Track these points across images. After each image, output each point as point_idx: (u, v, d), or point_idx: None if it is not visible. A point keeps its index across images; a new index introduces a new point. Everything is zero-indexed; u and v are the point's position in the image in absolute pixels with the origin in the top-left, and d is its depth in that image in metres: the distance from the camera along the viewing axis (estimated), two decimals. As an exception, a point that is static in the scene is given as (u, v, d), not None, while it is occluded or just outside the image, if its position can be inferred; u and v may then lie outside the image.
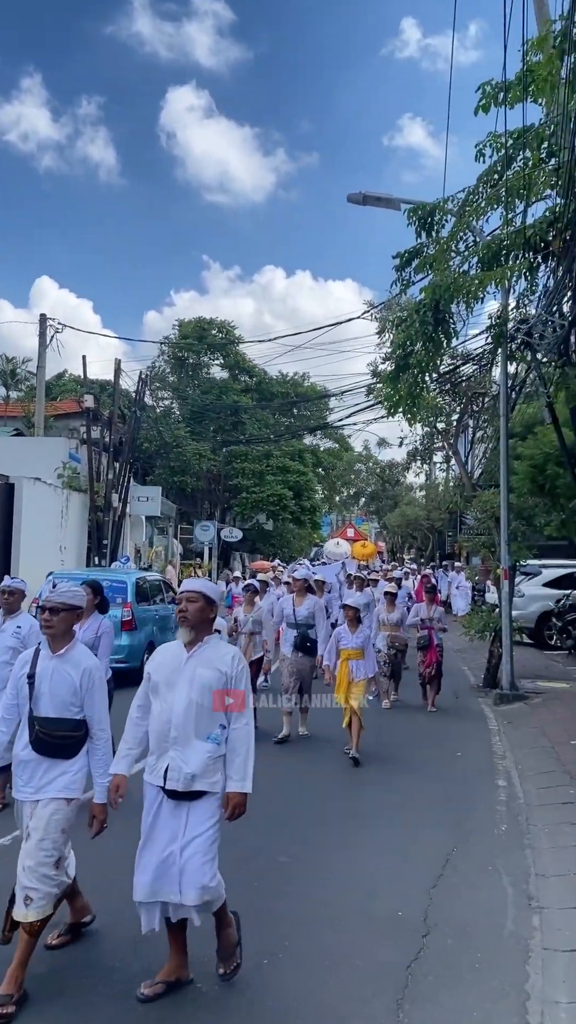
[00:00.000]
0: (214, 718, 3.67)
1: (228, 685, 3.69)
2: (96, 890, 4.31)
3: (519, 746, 8.65)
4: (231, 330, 38.12)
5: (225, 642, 4.13)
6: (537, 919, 4.47)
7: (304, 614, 8.95)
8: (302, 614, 8.96)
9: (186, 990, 3.64)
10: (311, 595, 9.34)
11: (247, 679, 3.82)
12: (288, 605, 9.14)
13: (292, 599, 9.22)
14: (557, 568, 17.18)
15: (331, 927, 4.33)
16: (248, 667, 3.94)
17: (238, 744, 3.68)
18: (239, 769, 3.65)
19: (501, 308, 10.85)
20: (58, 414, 26.97)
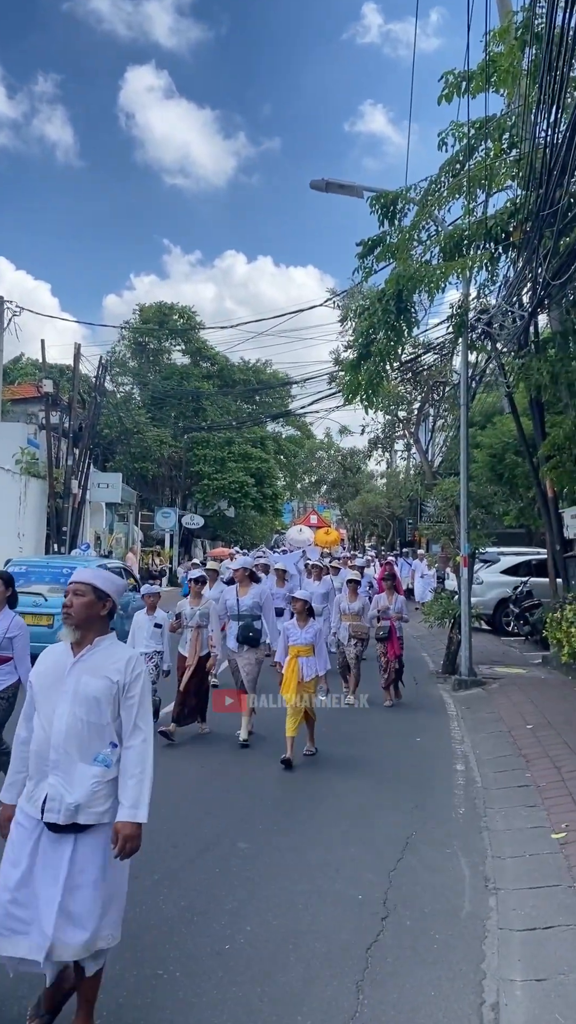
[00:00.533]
0: (103, 735, 3.09)
1: (120, 696, 3.11)
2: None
3: (477, 731, 8.80)
4: (192, 316, 37.84)
5: (123, 644, 3.39)
6: (493, 900, 4.57)
7: (249, 604, 8.27)
8: (246, 604, 8.28)
9: (148, 978, 3.65)
10: (256, 584, 8.57)
11: (146, 687, 3.21)
12: (231, 596, 8.40)
13: (235, 589, 8.47)
14: (515, 556, 17.47)
15: (291, 911, 4.37)
16: (148, 676, 3.29)
17: (131, 764, 3.08)
18: (131, 794, 3.04)
19: (462, 298, 10.95)
20: (16, 399, 26.52)
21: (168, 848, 5.19)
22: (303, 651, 7.46)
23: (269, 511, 41.08)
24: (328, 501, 50.89)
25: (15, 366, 35.33)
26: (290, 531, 28.77)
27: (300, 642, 7.49)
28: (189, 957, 3.83)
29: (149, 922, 4.17)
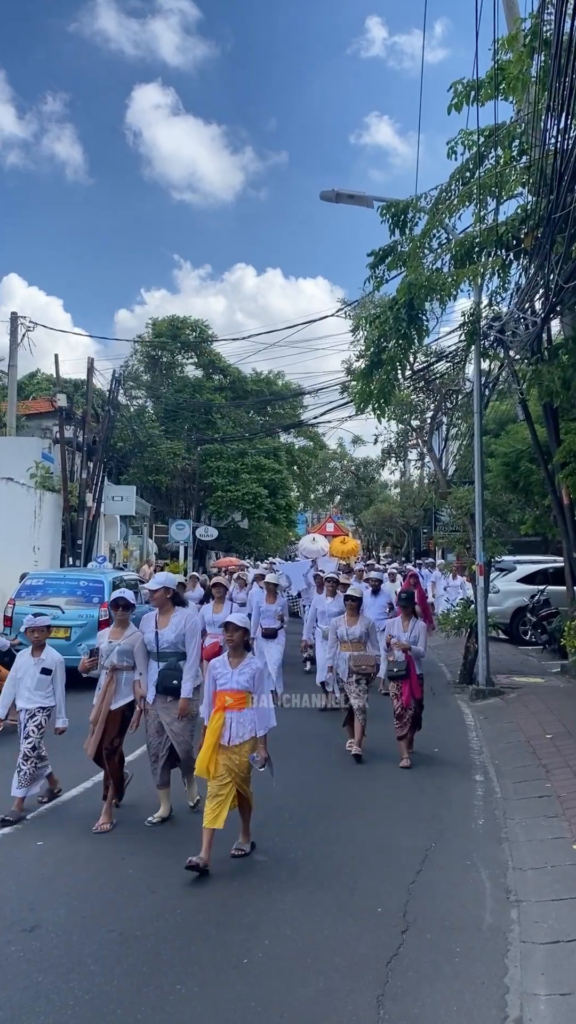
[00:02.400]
0: None
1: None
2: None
3: (495, 741, 8.71)
4: (204, 329, 37.99)
5: None
6: (515, 912, 4.50)
7: (171, 639, 5.96)
8: (168, 639, 5.96)
9: (166, 992, 3.61)
10: (181, 609, 6.25)
11: None
12: (150, 626, 6.09)
13: (155, 617, 6.13)
14: (531, 564, 17.33)
15: (309, 924, 4.31)
16: None
17: None
18: None
19: (474, 305, 10.92)
20: (31, 413, 26.70)
21: (183, 860, 5.14)
22: (233, 700, 5.20)
23: (283, 522, 41.00)
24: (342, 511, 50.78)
25: (31, 381, 35.62)
26: (303, 540, 26.16)
27: (230, 686, 5.22)
28: (207, 971, 3.79)
29: (167, 936, 4.13)
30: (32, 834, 5.61)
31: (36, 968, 3.79)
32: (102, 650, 6.10)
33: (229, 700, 5.20)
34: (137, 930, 4.16)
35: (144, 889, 4.69)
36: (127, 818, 5.98)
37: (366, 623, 8.21)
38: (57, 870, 4.99)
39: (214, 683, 5.32)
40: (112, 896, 4.60)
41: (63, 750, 6.73)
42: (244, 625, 5.38)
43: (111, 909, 4.40)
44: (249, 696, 5.26)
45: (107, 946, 3.99)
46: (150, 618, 6.15)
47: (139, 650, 6.04)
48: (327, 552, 22.28)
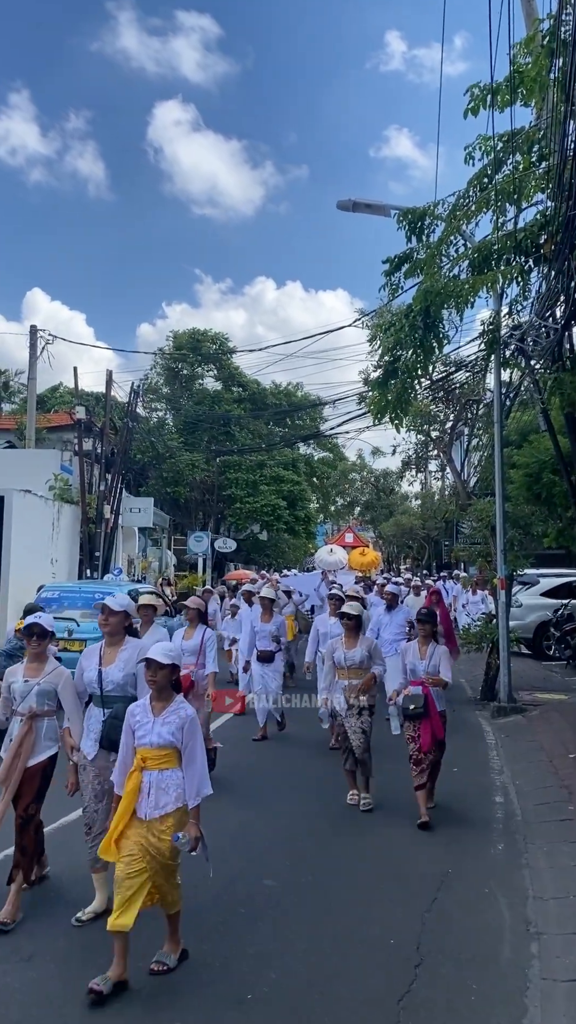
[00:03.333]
0: None
1: None
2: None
3: (517, 760, 8.45)
4: (224, 342, 38.09)
5: None
6: (535, 946, 4.27)
7: (118, 679, 4.77)
8: (114, 679, 4.77)
9: (164, 1022, 3.43)
10: (133, 641, 4.95)
11: None
12: (92, 664, 4.84)
13: (99, 651, 4.90)
14: (555, 577, 17.00)
15: (319, 956, 4.12)
16: None
17: None
18: None
19: (493, 314, 10.73)
20: (51, 426, 26.82)
21: (189, 886, 4.95)
22: (155, 758, 3.98)
23: (302, 534, 40.90)
24: (361, 523, 50.51)
25: (53, 394, 35.85)
26: (319, 552, 24.32)
27: (150, 740, 4.00)
28: (209, 1008, 3.62)
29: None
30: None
31: (32, 1000, 3.64)
32: (14, 691, 4.85)
33: (149, 758, 3.98)
34: (138, 960, 3.98)
35: (148, 918, 4.50)
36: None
37: (368, 645, 6.98)
38: (56, 896, 4.83)
39: (131, 735, 4.08)
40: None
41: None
42: (169, 661, 4.01)
43: (110, 937, 4.23)
44: (175, 753, 4.01)
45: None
46: (93, 652, 4.91)
47: (66, 690, 4.85)
48: (345, 564, 20.60)
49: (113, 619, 4.81)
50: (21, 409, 29.89)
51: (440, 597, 11.70)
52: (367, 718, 6.83)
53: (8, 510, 16.63)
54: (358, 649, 6.90)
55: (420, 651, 6.65)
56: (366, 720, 6.82)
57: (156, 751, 3.98)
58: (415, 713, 6.41)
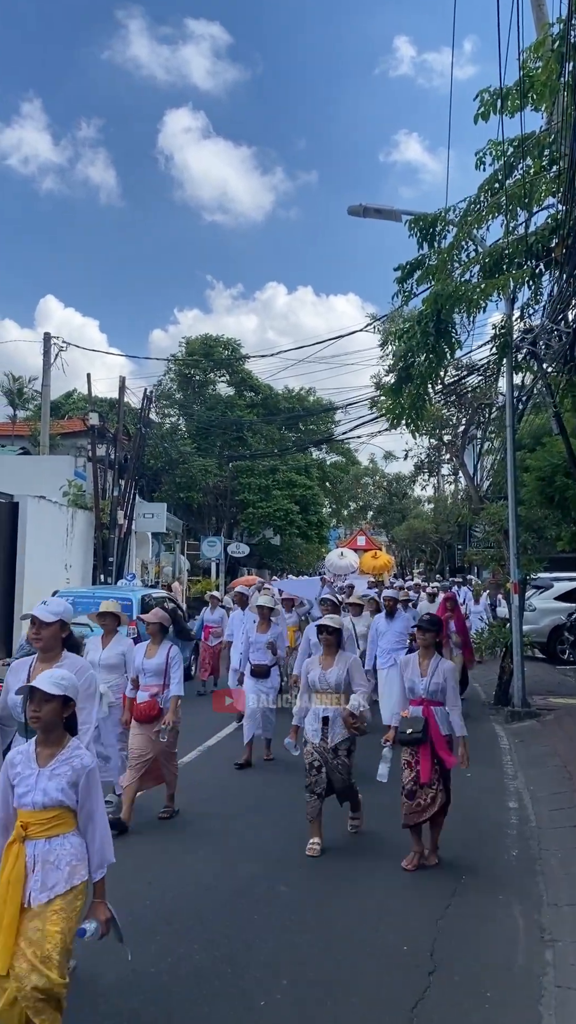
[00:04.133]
0: None
1: None
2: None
3: (531, 765, 8.41)
4: (237, 347, 38.19)
5: None
6: (550, 953, 4.24)
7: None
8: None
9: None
10: (72, 657, 4.11)
11: None
12: (21, 677, 3.97)
13: (29, 667, 4.04)
14: (569, 581, 16.91)
15: (332, 963, 4.11)
16: None
17: None
18: None
19: (505, 318, 10.71)
20: (65, 432, 26.99)
21: (202, 890, 4.99)
22: (38, 824, 3.04)
23: (315, 539, 40.85)
24: (374, 527, 50.42)
25: (67, 401, 36.07)
26: (330, 556, 23.33)
27: (33, 801, 3.04)
28: (221, 1013, 3.61)
29: (179, 972, 3.96)
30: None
31: (45, 1006, 3.64)
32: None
33: (31, 824, 3.00)
34: (150, 966, 4.00)
35: (160, 922, 4.53)
36: (142, 851, 5.84)
37: (346, 663, 5.89)
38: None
39: (10, 791, 3.09)
40: (126, 930, 4.40)
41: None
42: (60, 692, 3.06)
43: (126, 941, 4.24)
44: (68, 815, 3.07)
45: (118, 983, 3.83)
46: (21, 668, 4.07)
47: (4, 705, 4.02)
48: (356, 568, 19.96)
49: (45, 632, 3.99)
50: (35, 416, 30.09)
51: (455, 604, 11.38)
52: (344, 759, 5.80)
53: (23, 516, 16.74)
54: (335, 668, 5.85)
55: (421, 666, 5.64)
56: (343, 760, 5.81)
57: (40, 814, 3.01)
58: (412, 739, 5.46)
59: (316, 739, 5.80)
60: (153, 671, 6.45)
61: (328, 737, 5.78)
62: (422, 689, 5.59)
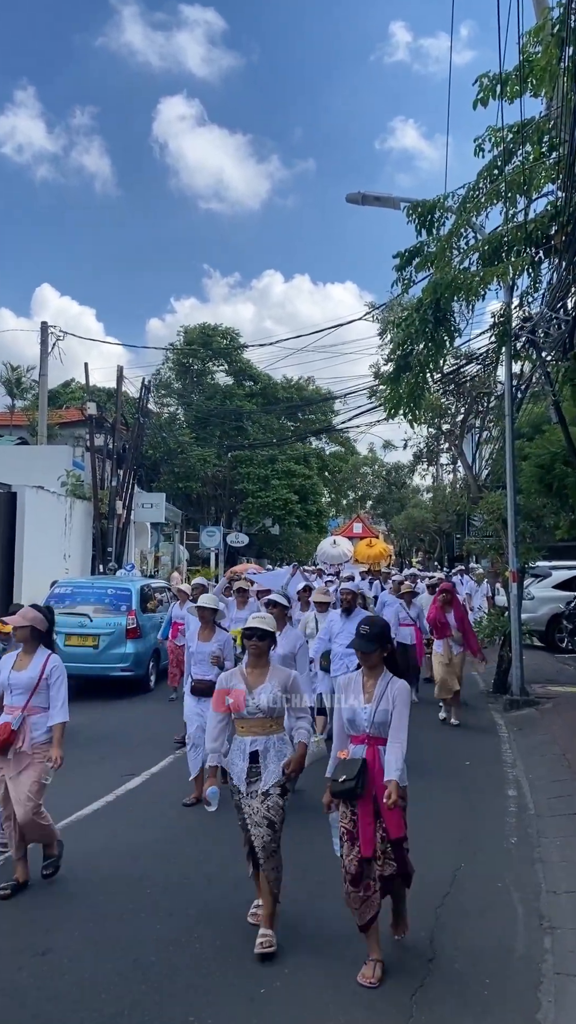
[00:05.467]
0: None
1: None
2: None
3: (530, 754, 8.43)
4: (235, 336, 38.09)
5: None
6: (549, 940, 4.26)
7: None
8: None
9: (176, 1019, 3.45)
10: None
11: None
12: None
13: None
14: (567, 570, 16.93)
15: (331, 952, 4.13)
16: None
17: None
18: None
19: (504, 306, 10.66)
20: (63, 422, 26.95)
21: (203, 881, 5.01)
22: None
23: (314, 528, 40.89)
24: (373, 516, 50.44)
25: (65, 390, 36.00)
26: (322, 544, 21.80)
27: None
28: (222, 1003, 3.63)
29: (181, 963, 3.98)
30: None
31: (45, 996, 3.66)
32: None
33: None
34: (151, 955, 4.01)
35: (162, 913, 4.55)
36: (145, 837, 5.86)
37: (283, 680, 4.33)
38: (73, 892, 4.86)
39: None
40: (128, 920, 4.45)
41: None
42: None
43: (126, 934, 4.26)
44: None
45: (119, 973, 3.84)
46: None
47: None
48: (350, 557, 18.97)
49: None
50: (33, 405, 30.03)
51: (452, 595, 10.13)
52: (276, 801, 4.19)
53: (21, 506, 16.72)
54: (267, 685, 4.28)
55: (364, 689, 4.06)
56: (274, 804, 4.18)
57: None
58: (345, 789, 3.89)
59: (242, 784, 4.22)
60: (22, 687, 4.94)
61: (260, 779, 4.22)
62: (365, 720, 3.98)
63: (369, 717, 4.00)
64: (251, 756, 4.25)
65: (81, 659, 11.50)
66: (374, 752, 4.00)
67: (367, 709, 4.02)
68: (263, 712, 4.28)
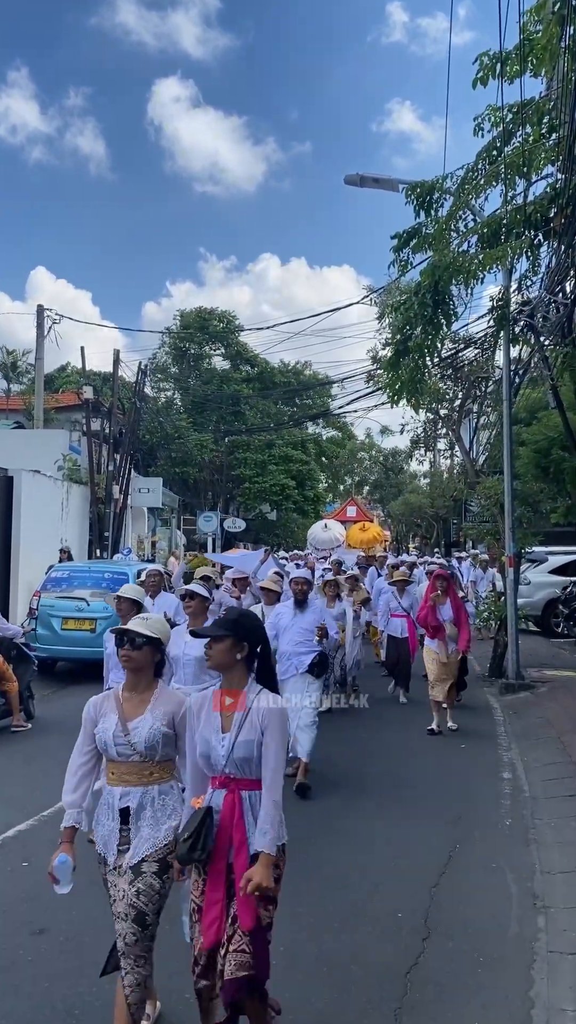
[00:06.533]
0: None
1: None
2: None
3: (524, 737, 8.48)
4: (232, 320, 37.93)
5: None
6: (542, 919, 4.30)
7: None
8: None
9: (176, 1003, 3.48)
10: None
11: None
12: None
13: None
14: (563, 555, 16.98)
15: (327, 930, 4.16)
16: None
17: None
18: None
19: (503, 289, 10.61)
20: (59, 407, 26.84)
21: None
22: None
23: (311, 514, 40.93)
24: (371, 502, 50.47)
25: (61, 374, 35.84)
26: (312, 528, 20.29)
27: None
28: (218, 979, 3.65)
29: (179, 941, 3.99)
30: (48, 832, 5.53)
31: (43, 974, 3.69)
32: None
33: None
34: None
35: (158, 890, 4.57)
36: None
37: (170, 709, 3.19)
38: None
39: None
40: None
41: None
42: None
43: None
44: None
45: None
46: None
47: None
48: (343, 541, 17.91)
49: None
50: (29, 389, 29.93)
51: (447, 582, 8.97)
52: (150, 882, 3.01)
53: (17, 490, 16.67)
54: (146, 717, 3.14)
55: (221, 709, 3.07)
56: (147, 887, 3.01)
57: None
58: (180, 854, 2.93)
59: (109, 852, 3.07)
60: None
61: (131, 848, 3.04)
62: (222, 754, 2.95)
63: (226, 750, 2.94)
64: (121, 814, 3.05)
65: (78, 643, 11.53)
66: (234, 800, 2.94)
67: (224, 738, 2.96)
68: (139, 754, 3.06)
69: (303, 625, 6.80)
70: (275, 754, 2.95)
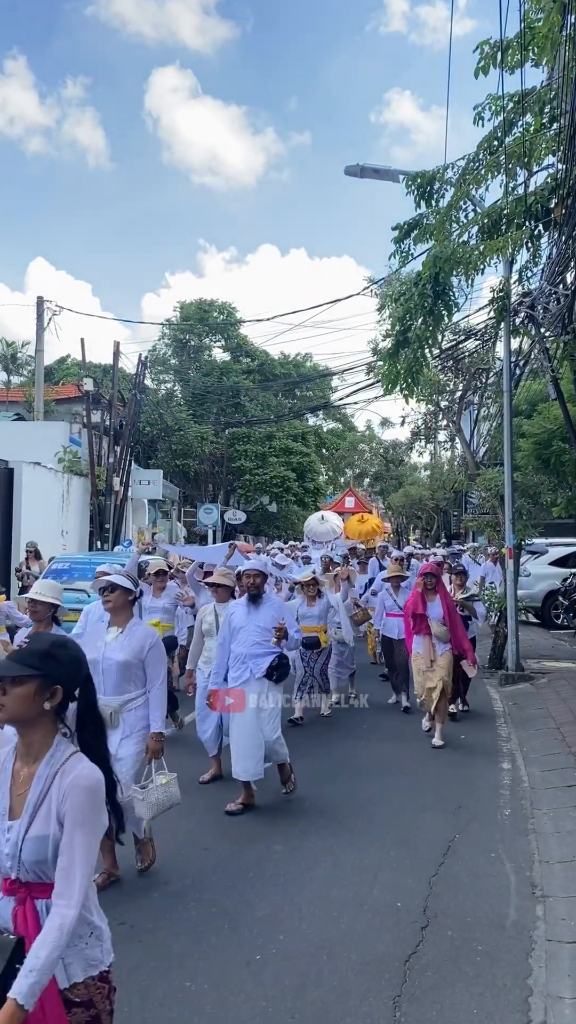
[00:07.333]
0: None
1: None
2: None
3: (524, 728, 8.50)
4: (232, 311, 37.85)
5: None
6: (541, 908, 4.32)
7: None
8: None
9: (176, 990, 3.51)
10: None
11: None
12: None
13: None
14: (563, 547, 16.98)
15: (326, 919, 4.18)
16: None
17: None
18: None
19: (503, 280, 10.57)
20: (60, 398, 26.82)
21: (199, 850, 5.06)
22: None
23: (311, 506, 40.93)
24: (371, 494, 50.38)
25: (61, 366, 35.81)
26: (309, 520, 19.25)
27: None
28: (218, 968, 3.68)
29: (178, 929, 4.03)
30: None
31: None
32: None
33: None
34: (148, 923, 4.07)
35: (158, 881, 4.60)
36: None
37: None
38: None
39: None
40: (124, 887, 4.51)
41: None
42: None
43: (122, 901, 4.31)
44: None
45: (116, 940, 3.81)
46: None
47: None
48: (340, 533, 17.50)
49: None
50: (29, 381, 29.89)
51: (436, 579, 8.03)
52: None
53: (18, 482, 16.70)
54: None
55: (14, 781, 2.11)
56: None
57: None
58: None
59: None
60: None
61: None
62: (7, 852, 2.04)
63: (14, 846, 2.02)
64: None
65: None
66: (27, 913, 2.04)
67: (12, 828, 2.04)
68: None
69: (259, 623, 5.96)
70: (80, 854, 1.96)
